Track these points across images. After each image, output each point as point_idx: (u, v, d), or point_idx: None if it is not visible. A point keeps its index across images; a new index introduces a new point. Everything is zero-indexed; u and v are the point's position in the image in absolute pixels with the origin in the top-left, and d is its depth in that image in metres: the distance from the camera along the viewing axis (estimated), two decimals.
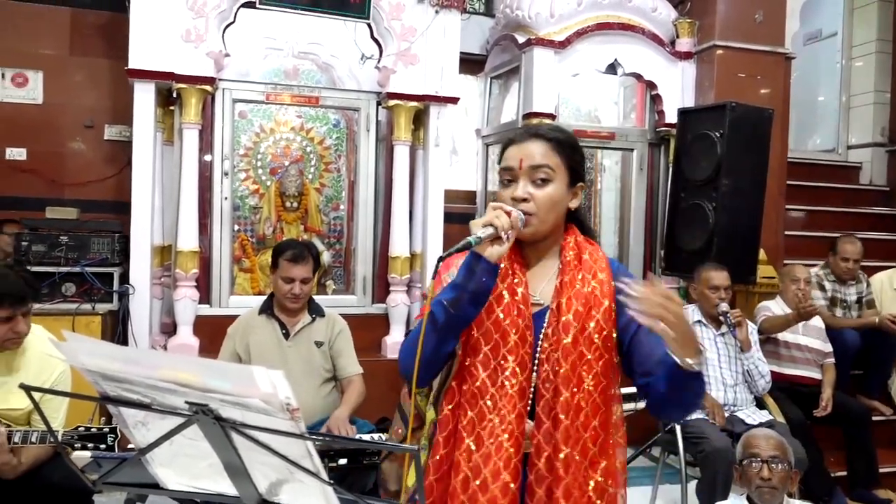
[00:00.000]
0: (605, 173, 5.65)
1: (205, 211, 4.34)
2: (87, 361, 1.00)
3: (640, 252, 5.20)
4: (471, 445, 1.43)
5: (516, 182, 1.49)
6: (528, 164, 1.48)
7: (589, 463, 1.42)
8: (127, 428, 1.13)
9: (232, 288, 4.47)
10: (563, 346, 1.44)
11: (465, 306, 1.38)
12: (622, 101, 5.61)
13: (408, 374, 1.40)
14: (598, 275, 1.50)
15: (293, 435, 0.99)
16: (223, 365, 0.96)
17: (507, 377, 1.43)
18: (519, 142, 1.52)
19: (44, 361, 2.36)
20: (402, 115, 4.44)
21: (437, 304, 1.38)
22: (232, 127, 4.44)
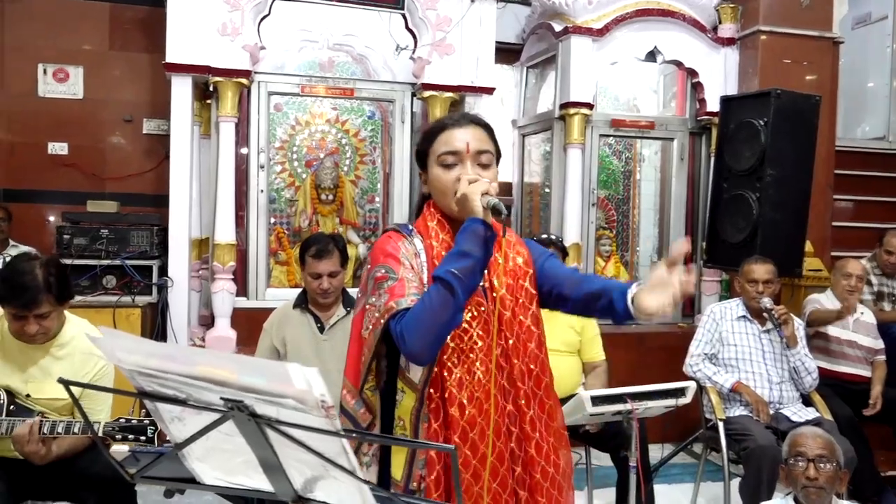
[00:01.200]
0: (645, 163, 5.58)
1: (241, 204, 4.39)
2: (125, 358, 1.00)
3: None
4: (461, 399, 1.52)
5: (459, 165, 1.56)
6: (474, 147, 1.57)
7: (548, 416, 1.59)
8: (163, 423, 1.14)
9: (268, 280, 4.52)
10: (506, 322, 1.56)
11: (476, 275, 1.44)
12: (662, 90, 5.54)
13: (422, 353, 1.43)
14: (518, 247, 1.65)
15: (328, 432, 0.99)
16: (258, 362, 0.96)
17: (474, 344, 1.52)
18: (460, 126, 1.60)
19: (87, 354, 2.40)
20: (438, 105, 4.43)
21: (449, 275, 1.41)
22: (268, 120, 4.47)
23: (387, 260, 1.53)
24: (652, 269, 1.45)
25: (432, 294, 1.42)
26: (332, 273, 2.95)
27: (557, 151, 4.87)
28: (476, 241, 1.44)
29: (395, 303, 1.46)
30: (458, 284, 1.41)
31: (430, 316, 1.41)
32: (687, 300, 5.14)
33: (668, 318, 1.32)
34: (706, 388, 3.45)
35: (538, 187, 5.50)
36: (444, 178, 1.57)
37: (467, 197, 1.48)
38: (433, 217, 1.62)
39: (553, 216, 4.89)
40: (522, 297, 1.61)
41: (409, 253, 1.56)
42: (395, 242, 1.57)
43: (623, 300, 1.46)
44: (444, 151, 1.58)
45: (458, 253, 1.44)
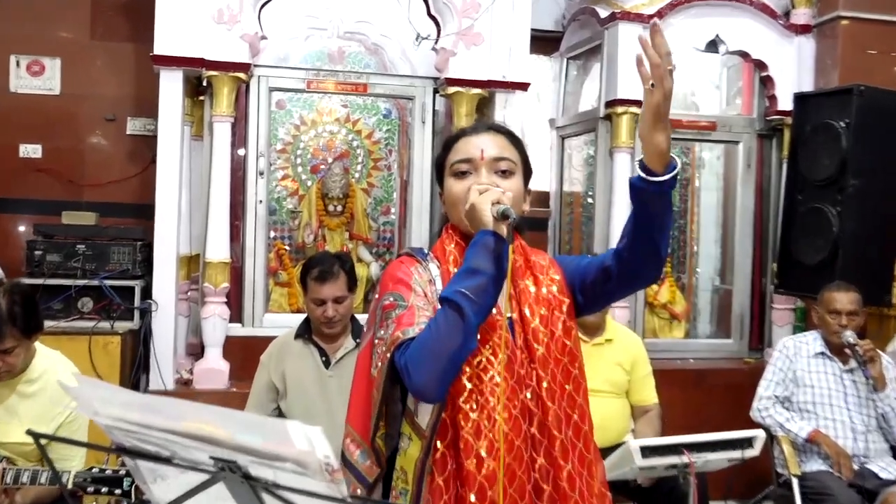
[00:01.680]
0: (705, 170, 5.55)
1: (237, 215, 4.43)
2: (102, 410, 1.01)
3: (747, 265, 5.10)
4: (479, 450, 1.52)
5: (473, 174, 1.62)
6: (490, 154, 1.62)
7: (587, 472, 1.58)
8: (144, 482, 1.14)
9: (267, 304, 4.55)
10: (539, 358, 1.57)
11: (489, 295, 1.47)
12: (725, 85, 5.51)
13: (429, 386, 1.45)
14: (551, 273, 1.67)
15: (333, 499, 0.99)
16: (254, 418, 0.97)
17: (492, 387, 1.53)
18: (474, 133, 1.67)
19: (59, 392, 2.42)
20: (464, 103, 4.45)
21: (457, 295, 1.44)
22: (268, 119, 4.52)
23: (396, 287, 1.57)
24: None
25: (439, 319, 1.46)
26: (338, 298, 2.96)
27: (602, 156, 4.87)
28: (486, 256, 1.47)
29: (402, 332, 1.49)
30: (467, 305, 1.43)
31: (436, 343, 1.44)
32: (755, 331, 5.09)
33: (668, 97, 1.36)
34: (777, 438, 3.40)
35: (580, 197, 5.48)
36: (454, 188, 1.63)
37: (475, 207, 1.52)
38: (451, 239, 1.65)
39: (597, 231, 4.88)
40: (559, 330, 1.61)
41: (423, 279, 1.59)
42: (407, 268, 1.60)
43: (635, 183, 1.50)
44: (457, 160, 1.64)
45: (466, 270, 1.47)
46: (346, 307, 3.00)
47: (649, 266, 1.60)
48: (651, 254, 1.57)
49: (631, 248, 1.57)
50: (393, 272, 1.60)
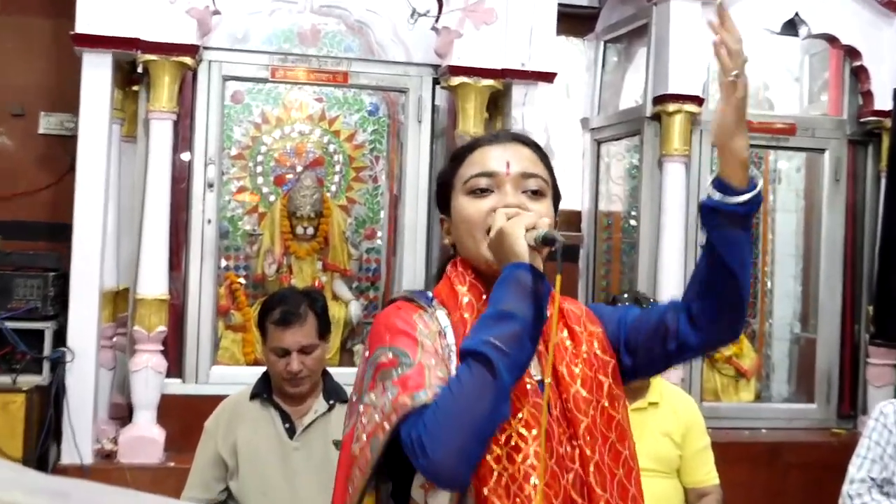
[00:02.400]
0: (781, 186, 5.57)
1: (179, 240, 4.43)
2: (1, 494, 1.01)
3: (834, 308, 5.10)
4: None
5: (496, 192, 1.64)
6: (517, 168, 1.65)
7: None
8: None
9: (215, 355, 4.54)
10: (584, 430, 1.58)
11: (524, 346, 1.48)
12: (807, 78, 5.54)
13: (451, 467, 1.44)
14: (590, 326, 1.70)
15: None
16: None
17: (527, 470, 1.51)
18: (496, 142, 1.70)
19: None
20: (472, 98, 4.47)
21: (485, 346, 1.45)
22: (221, 116, 4.53)
23: (396, 339, 1.55)
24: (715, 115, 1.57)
25: (462, 377, 1.45)
26: (306, 348, 2.94)
27: (650, 166, 4.89)
28: (521, 296, 1.48)
29: (410, 397, 1.47)
30: (499, 359, 1.43)
31: (460, 409, 1.43)
32: (846, 393, 5.08)
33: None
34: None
35: (620, 219, 5.50)
36: (469, 209, 1.64)
37: (505, 234, 1.53)
38: (463, 279, 1.65)
39: (642, 262, 4.89)
40: (604, 398, 1.62)
41: (431, 331, 1.58)
42: (408, 315, 1.59)
43: (710, 205, 1.55)
44: (474, 174, 1.65)
45: (494, 315, 1.48)
46: (315, 359, 2.98)
47: (730, 319, 1.63)
48: (732, 303, 1.60)
49: (705, 297, 1.60)
50: (389, 321, 1.59)
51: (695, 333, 1.63)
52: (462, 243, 1.66)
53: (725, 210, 1.53)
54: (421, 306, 1.62)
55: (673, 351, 1.66)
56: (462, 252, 1.68)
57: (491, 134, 1.79)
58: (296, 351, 2.92)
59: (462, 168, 1.69)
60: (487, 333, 1.45)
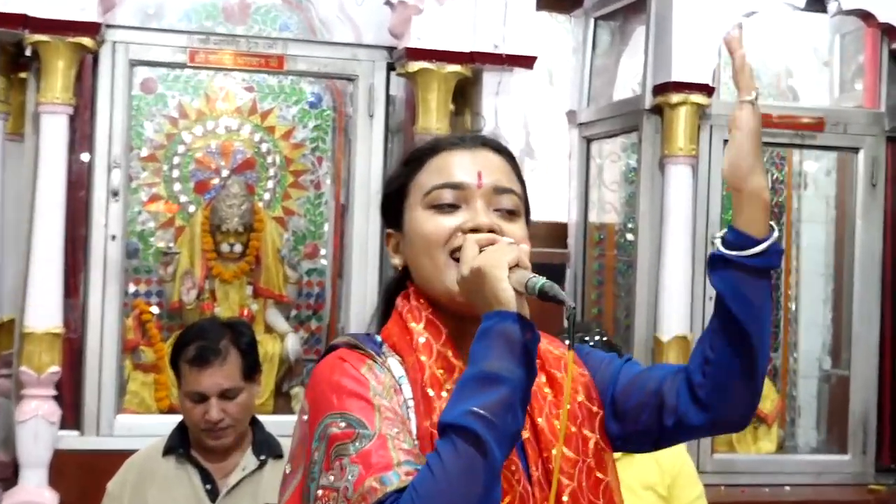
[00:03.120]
0: (808, 191, 5.68)
1: (76, 260, 4.44)
2: None
3: (871, 339, 5.17)
4: None
5: (464, 209, 1.66)
6: (491, 180, 1.67)
7: None
8: None
9: (121, 401, 4.54)
10: (570, 495, 1.62)
11: (516, 415, 1.47)
12: (838, 62, 5.63)
13: None
14: (578, 370, 1.72)
15: None
16: None
17: None
18: (463, 147, 1.72)
19: None
20: (435, 87, 4.53)
21: (472, 419, 1.43)
22: (128, 109, 4.55)
23: (346, 403, 1.54)
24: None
25: (445, 458, 1.42)
26: (227, 392, 2.97)
27: (649, 168, 4.96)
28: (508, 352, 1.47)
29: (378, 481, 1.45)
30: (487, 433, 1.42)
31: (447, 497, 1.41)
32: (886, 442, 5.15)
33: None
34: None
35: (614, 231, 5.59)
36: (431, 226, 1.65)
37: (485, 274, 1.51)
38: (418, 314, 1.66)
39: (640, 285, 4.96)
40: (591, 457, 1.67)
41: (385, 386, 1.58)
42: (355, 369, 1.58)
43: (723, 258, 1.61)
44: (437, 185, 1.67)
45: (479, 377, 1.47)
46: (240, 406, 3.01)
47: (742, 395, 1.65)
48: (746, 373, 1.63)
49: (712, 365, 1.64)
50: (333, 378, 1.57)
51: (697, 410, 1.66)
52: (417, 265, 1.67)
53: (745, 264, 1.58)
54: (369, 354, 1.61)
55: (669, 428, 1.69)
56: (416, 275, 1.69)
57: (455, 135, 1.80)
58: (215, 396, 2.94)
59: (421, 175, 1.69)
60: (471, 402, 1.43)
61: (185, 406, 3.01)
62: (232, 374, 2.97)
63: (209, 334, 3.00)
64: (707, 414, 1.66)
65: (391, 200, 1.75)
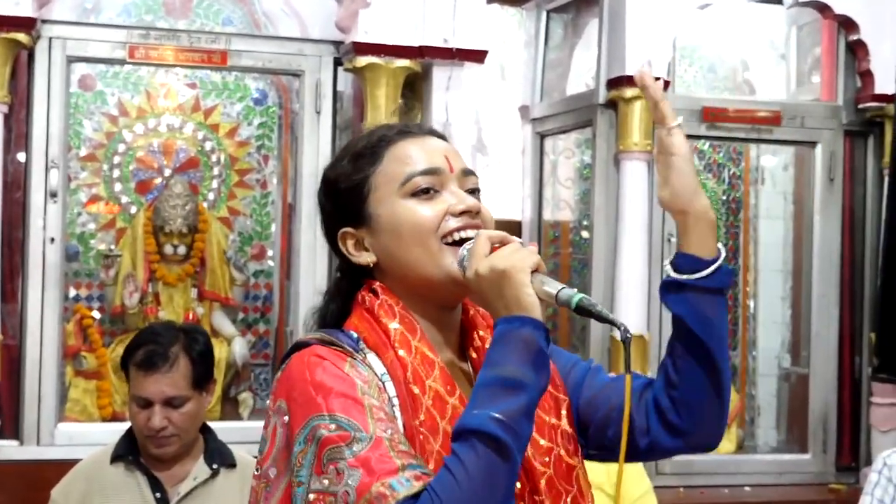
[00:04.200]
0: (765, 187, 5.69)
1: (13, 264, 4.40)
2: None
3: (830, 336, 5.20)
4: None
5: (444, 191, 1.68)
6: (458, 164, 1.71)
7: None
8: None
9: (62, 409, 4.50)
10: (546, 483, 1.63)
11: (531, 422, 1.50)
12: (794, 55, 5.64)
13: None
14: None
15: None
16: None
17: None
18: (422, 135, 1.75)
19: None
20: (383, 82, 4.51)
21: (495, 425, 1.44)
22: (65, 107, 4.51)
23: (335, 404, 1.52)
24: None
25: (468, 462, 1.44)
26: (172, 400, 2.92)
27: (604, 165, 4.96)
28: (529, 360, 1.49)
29: (387, 486, 1.44)
30: (511, 440, 1.44)
31: (471, 501, 1.43)
32: (846, 440, 5.18)
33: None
34: None
35: (568, 229, 5.59)
36: (420, 213, 1.65)
37: (508, 276, 1.52)
38: (391, 311, 1.66)
39: (596, 283, 4.96)
40: (561, 445, 1.69)
41: (371, 385, 1.56)
42: (338, 367, 1.56)
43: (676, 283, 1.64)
44: (414, 172, 1.67)
45: (500, 382, 1.48)
46: (186, 415, 2.96)
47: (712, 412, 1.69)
48: (715, 388, 1.66)
49: (683, 391, 1.67)
50: (316, 377, 1.55)
51: (669, 435, 1.69)
52: (404, 256, 1.66)
53: (701, 286, 1.61)
54: (347, 352, 1.59)
55: (642, 448, 1.72)
56: (400, 267, 1.67)
57: (400, 125, 1.83)
58: (159, 403, 2.90)
59: (384, 166, 1.69)
60: (493, 408, 1.45)
61: (131, 410, 2.99)
62: (178, 383, 2.93)
63: (161, 339, 2.97)
64: (680, 438, 1.70)
65: (345, 199, 1.73)
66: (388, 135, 1.74)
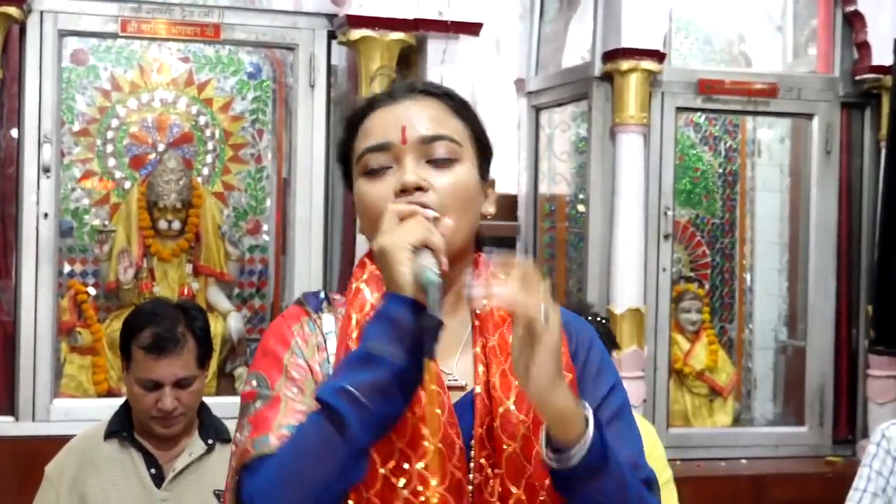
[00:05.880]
0: (762, 160, 5.68)
1: (7, 240, 4.40)
2: None
3: (827, 308, 5.21)
4: None
5: (395, 169, 1.62)
6: (416, 132, 1.62)
7: None
8: None
9: (57, 385, 4.50)
10: (507, 458, 1.57)
11: (390, 400, 1.48)
12: (791, 27, 5.63)
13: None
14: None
15: None
16: None
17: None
18: (391, 101, 1.68)
19: None
20: (377, 56, 4.50)
21: (338, 396, 1.46)
22: (58, 81, 4.48)
23: (260, 362, 1.61)
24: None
25: (307, 431, 1.48)
26: (183, 381, 2.91)
27: (600, 138, 4.95)
28: (394, 336, 1.47)
29: (252, 444, 1.53)
30: (353, 415, 1.45)
31: (300, 469, 1.47)
32: (842, 413, 5.19)
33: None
34: None
35: (565, 203, 5.57)
36: (367, 195, 1.64)
37: (385, 253, 1.50)
38: (362, 269, 1.69)
39: (592, 258, 4.96)
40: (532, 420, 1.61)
41: (309, 344, 1.61)
42: (287, 327, 1.64)
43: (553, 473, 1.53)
44: (366, 148, 1.65)
45: (360, 357, 1.49)
46: (193, 393, 2.95)
47: None
48: None
49: None
50: (267, 336, 1.65)
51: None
52: (366, 234, 1.67)
53: (575, 474, 1.49)
54: (306, 311, 1.65)
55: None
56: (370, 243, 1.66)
57: (386, 91, 1.77)
58: (170, 385, 2.89)
59: (357, 141, 1.68)
60: (346, 380, 1.46)
61: (134, 392, 2.95)
62: (188, 363, 2.93)
63: (164, 320, 2.93)
64: None
65: (345, 171, 1.75)
66: (370, 105, 1.70)
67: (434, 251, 1.50)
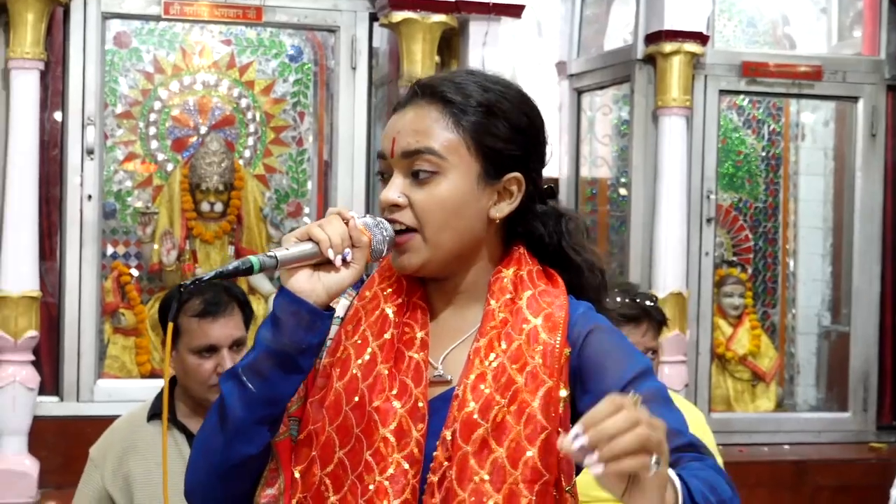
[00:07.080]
0: (805, 143, 5.64)
1: (51, 221, 4.42)
2: None
3: (871, 293, 5.17)
4: None
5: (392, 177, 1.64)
6: (399, 147, 1.61)
7: None
8: None
9: (101, 366, 4.53)
10: (459, 459, 1.52)
11: (270, 376, 1.55)
12: (836, 9, 5.59)
13: (193, 499, 1.64)
14: (540, 334, 1.58)
15: None
16: None
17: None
18: (402, 106, 1.67)
19: None
20: (419, 38, 4.49)
21: (229, 376, 1.58)
22: (101, 64, 4.51)
23: None
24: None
25: (213, 406, 1.61)
26: (238, 342, 2.94)
27: (642, 121, 4.95)
28: (271, 322, 1.56)
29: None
30: (234, 393, 1.56)
31: (202, 441, 1.62)
32: (888, 399, 5.15)
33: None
34: None
35: (606, 186, 5.56)
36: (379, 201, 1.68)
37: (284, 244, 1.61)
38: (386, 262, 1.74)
39: (634, 241, 4.96)
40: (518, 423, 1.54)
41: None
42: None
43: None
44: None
45: (256, 339, 1.58)
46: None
47: None
48: None
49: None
50: None
51: None
52: None
53: None
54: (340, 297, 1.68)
55: None
56: None
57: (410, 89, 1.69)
58: (226, 347, 2.90)
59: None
60: (240, 362, 1.58)
61: (189, 364, 2.92)
62: (240, 324, 2.96)
63: (209, 289, 2.93)
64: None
65: None
66: (396, 106, 1.69)
67: (317, 242, 1.54)
